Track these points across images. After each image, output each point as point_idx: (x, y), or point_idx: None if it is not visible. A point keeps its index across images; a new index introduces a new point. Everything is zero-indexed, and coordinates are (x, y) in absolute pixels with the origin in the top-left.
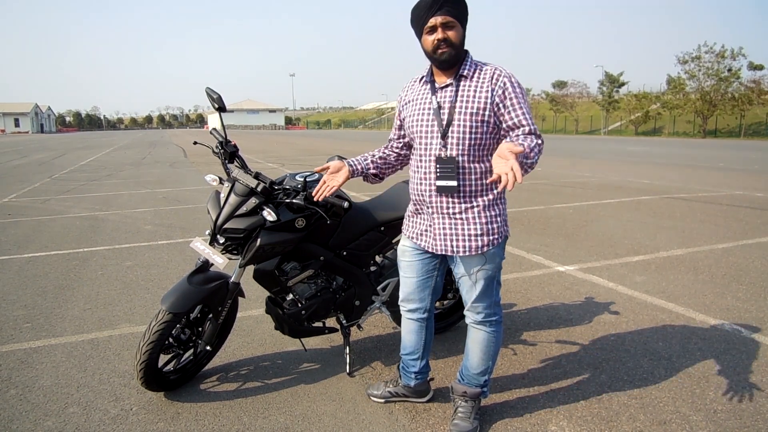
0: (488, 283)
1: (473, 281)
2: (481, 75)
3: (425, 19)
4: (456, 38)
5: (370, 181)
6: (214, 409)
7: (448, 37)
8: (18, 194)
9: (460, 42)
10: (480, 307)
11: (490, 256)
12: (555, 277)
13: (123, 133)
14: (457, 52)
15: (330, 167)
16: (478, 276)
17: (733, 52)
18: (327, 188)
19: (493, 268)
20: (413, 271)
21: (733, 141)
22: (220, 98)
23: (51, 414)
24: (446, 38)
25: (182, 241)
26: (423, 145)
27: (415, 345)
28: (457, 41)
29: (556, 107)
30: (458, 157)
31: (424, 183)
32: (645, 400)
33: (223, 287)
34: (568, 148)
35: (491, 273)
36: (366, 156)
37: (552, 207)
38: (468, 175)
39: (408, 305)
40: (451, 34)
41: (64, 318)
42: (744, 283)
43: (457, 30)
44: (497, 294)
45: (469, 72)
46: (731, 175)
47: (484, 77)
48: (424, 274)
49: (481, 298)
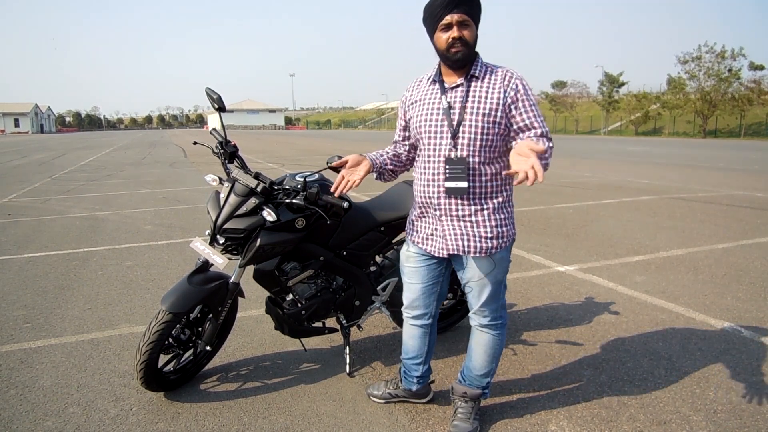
0: (496, 287)
1: (482, 285)
2: (492, 76)
3: (440, 16)
4: (470, 37)
5: (385, 179)
6: (214, 409)
7: (463, 35)
8: (18, 194)
9: (474, 42)
10: (487, 311)
11: (499, 259)
12: (555, 277)
13: (123, 133)
14: (470, 51)
15: (349, 161)
16: (487, 279)
17: (734, 52)
18: (346, 183)
19: (502, 272)
20: (419, 278)
21: (733, 141)
22: (220, 98)
23: (51, 414)
24: (461, 37)
25: (182, 241)
26: (431, 146)
27: (418, 350)
28: (471, 41)
29: (556, 107)
30: (469, 158)
31: (432, 185)
32: (645, 400)
33: (223, 287)
34: (568, 148)
35: (500, 276)
36: (381, 152)
37: (552, 207)
38: (478, 177)
39: (413, 312)
40: (466, 33)
41: (64, 318)
42: (744, 283)
43: (472, 29)
44: (503, 297)
45: (480, 73)
46: (731, 175)
47: (496, 79)
48: (430, 280)
49: (489, 301)
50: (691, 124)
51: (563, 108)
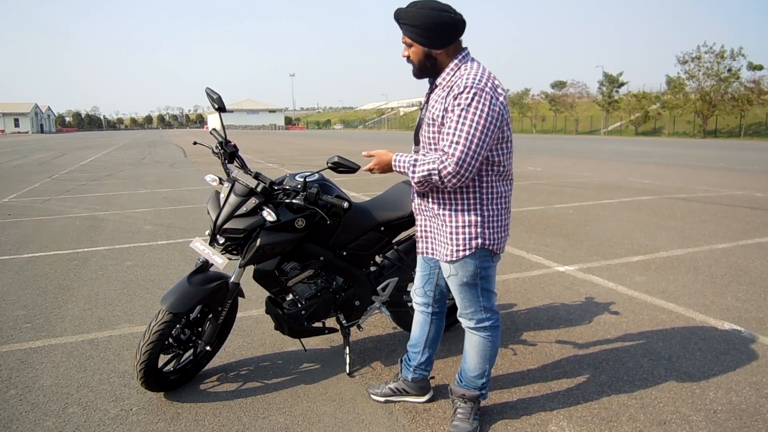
0: (466, 291)
1: (452, 287)
2: (448, 86)
3: None
4: (414, 57)
5: None
6: (214, 409)
7: (408, 54)
8: (18, 194)
9: (420, 60)
10: (469, 313)
11: (459, 265)
12: (555, 277)
13: (123, 133)
14: (419, 68)
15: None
16: (452, 282)
17: (733, 52)
18: None
19: (467, 277)
20: (420, 266)
21: (733, 141)
22: (220, 98)
23: (51, 414)
24: (408, 55)
25: (182, 241)
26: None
27: (418, 337)
28: (417, 59)
29: (555, 107)
30: None
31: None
32: (645, 400)
33: (223, 287)
34: (568, 148)
35: (466, 281)
36: None
37: (552, 207)
38: None
39: (415, 297)
40: (410, 52)
41: (64, 318)
42: (744, 283)
43: (414, 49)
44: (486, 300)
45: (443, 80)
46: (731, 175)
47: (449, 87)
48: (424, 270)
49: (465, 305)
50: (691, 124)
51: (563, 108)
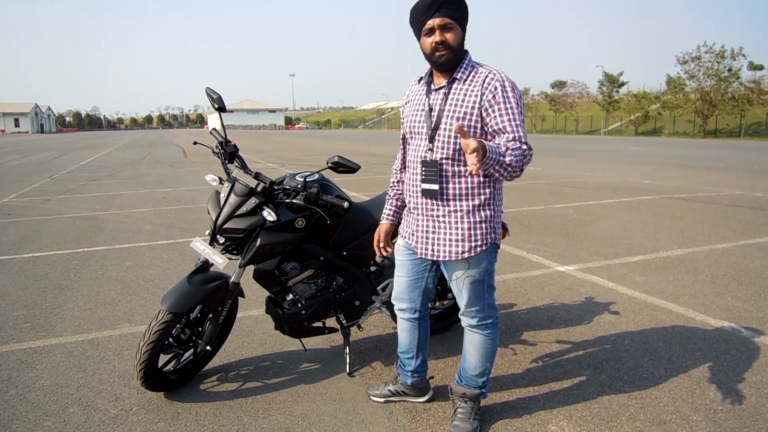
0: (475, 289)
1: (459, 286)
2: (474, 78)
3: (422, 22)
4: (454, 41)
5: None
6: (214, 409)
7: (446, 39)
8: (18, 194)
9: (459, 44)
10: (473, 312)
11: (474, 261)
12: (555, 277)
13: (123, 133)
14: (455, 55)
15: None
16: (464, 281)
17: (733, 52)
18: None
19: (479, 273)
20: (405, 271)
21: (733, 141)
22: (220, 98)
23: (51, 414)
24: (444, 41)
25: (182, 241)
26: (413, 146)
27: (408, 344)
28: (456, 44)
29: (555, 107)
30: (442, 161)
31: (411, 184)
32: (645, 400)
33: (223, 287)
34: (568, 148)
35: (477, 278)
36: (389, 202)
37: (552, 207)
38: (451, 179)
39: (398, 304)
40: (449, 36)
41: (64, 318)
42: (744, 283)
43: (456, 32)
44: (490, 297)
45: (463, 75)
46: (731, 175)
47: (477, 81)
48: (414, 274)
49: (472, 302)
50: (691, 124)
51: (563, 108)
